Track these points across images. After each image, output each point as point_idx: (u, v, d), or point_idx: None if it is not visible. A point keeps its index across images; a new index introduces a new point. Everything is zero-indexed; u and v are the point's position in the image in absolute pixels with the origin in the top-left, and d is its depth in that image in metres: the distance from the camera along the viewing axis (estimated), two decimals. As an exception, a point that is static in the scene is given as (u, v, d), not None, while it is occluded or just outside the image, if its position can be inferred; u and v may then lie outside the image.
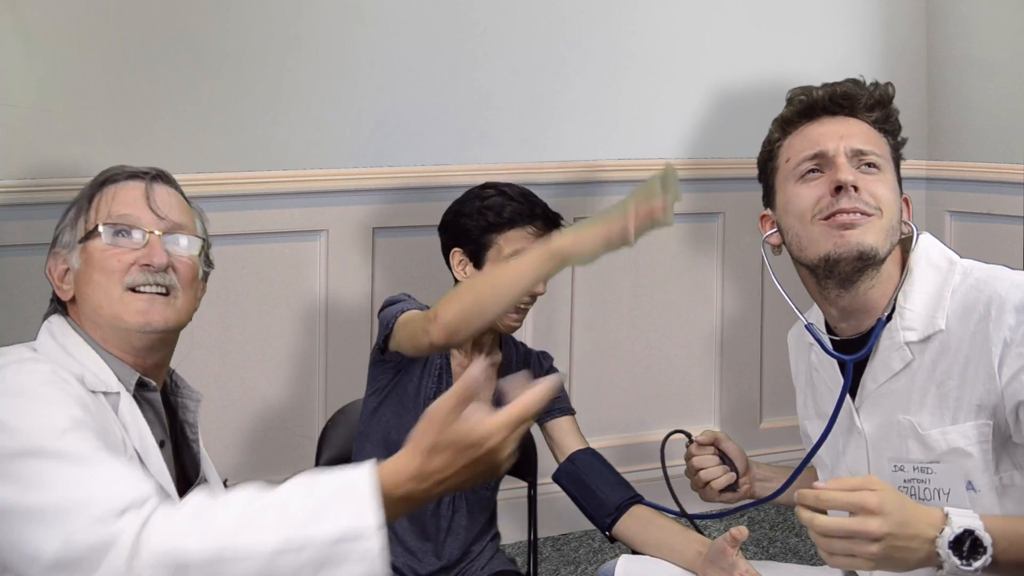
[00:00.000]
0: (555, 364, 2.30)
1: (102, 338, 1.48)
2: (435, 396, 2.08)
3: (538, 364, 2.20)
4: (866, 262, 1.54)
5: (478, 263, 2.05)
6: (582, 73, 3.21)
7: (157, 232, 1.50)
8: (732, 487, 1.83)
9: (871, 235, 1.53)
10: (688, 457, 1.86)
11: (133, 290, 1.46)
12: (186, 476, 1.55)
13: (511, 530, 2.61)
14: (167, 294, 1.48)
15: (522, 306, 2.02)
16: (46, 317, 1.53)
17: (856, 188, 1.54)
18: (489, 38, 3.10)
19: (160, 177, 1.55)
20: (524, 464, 2.29)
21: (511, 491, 2.38)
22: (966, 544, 1.29)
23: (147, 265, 1.47)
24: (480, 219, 2.04)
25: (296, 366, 2.98)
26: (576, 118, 3.22)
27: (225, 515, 1.12)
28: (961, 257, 1.61)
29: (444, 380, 2.08)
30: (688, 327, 3.45)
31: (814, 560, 3.08)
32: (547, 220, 2.06)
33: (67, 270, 1.50)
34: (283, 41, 2.89)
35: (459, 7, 3.06)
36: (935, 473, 1.54)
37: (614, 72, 3.26)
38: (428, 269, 2.19)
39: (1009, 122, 3.34)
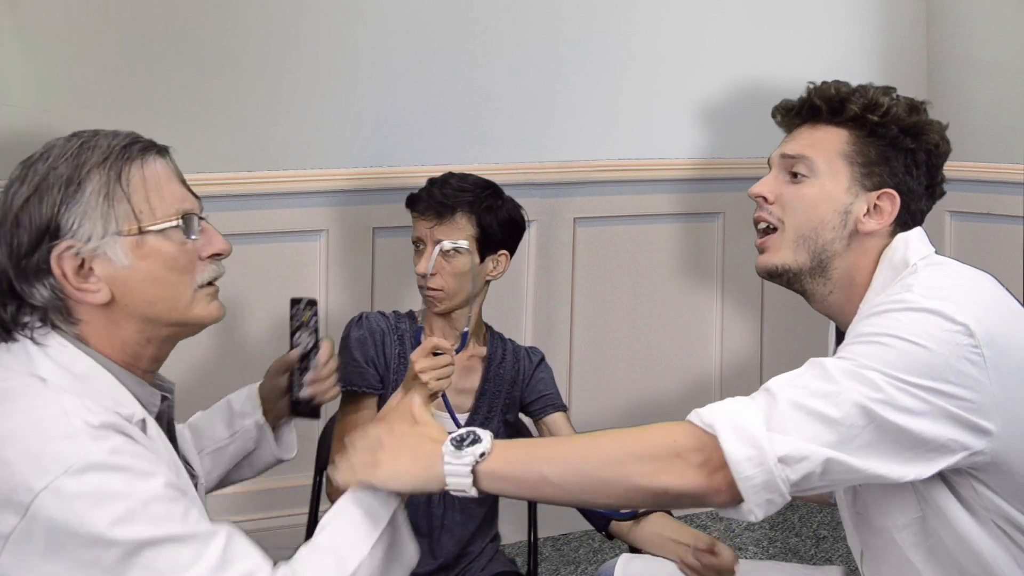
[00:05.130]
0: (554, 364, 2.29)
1: (119, 354, 1.31)
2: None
3: (527, 359, 2.21)
4: (787, 277, 1.61)
5: None
6: (582, 73, 3.21)
7: (204, 215, 1.37)
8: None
9: (778, 255, 1.60)
10: None
11: (203, 285, 1.36)
12: None
13: (511, 530, 2.61)
14: None
15: (423, 288, 2.07)
16: (10, 324, 1.28)
17: (767, 199, 1.62)
18: (489, 38, 3.10)
19: (163, 148, 1.38)
20: (524, 464, 2.29)
21: (511, 491, 2.38)
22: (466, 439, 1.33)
23: (218, 255, 1.38)
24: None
25: (296, 366, 2.98)
26: (576, 118, 3.22)
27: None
28: (953, 257, 1.59)
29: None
30: (688, 327, 3.45)
31: (814, 560, 3.08)
32: (428, 205, 2.07)
33: (84, 266, 1.27)
34: (283, 41, 2.89)
35: (459, 7, 3.06)
36: None
37: (614, 72, 3.26)
38: (428, 269, 2.19)
39: (1009, 122, 3.34)
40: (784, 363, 1.68)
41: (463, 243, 2.02)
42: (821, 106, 1.63)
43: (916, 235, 1.59)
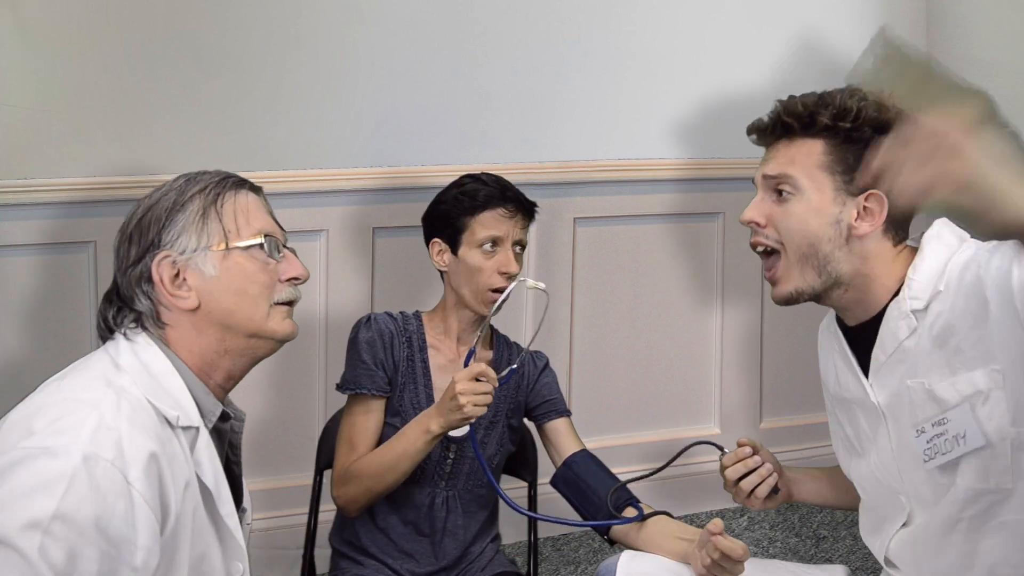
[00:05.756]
0: (554, 364, 2.29)
1: (196, 360, 1.47)
2: (424, 397, 2.09)
3: (532, 363, 2.21)
4: (805, 299, 1.66)
5: (455, 249, 2.10)
6: (582, 73, 3.21)
7: (290, 246, 1.55)
8: (774, 490, 1.84)
9: (789, 282, 1.65)
10: (723, 469, 1.86)
11: (280, 303, 1.50)
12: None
13: (511, 530, 2.61)
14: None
15: (492, 292, 2.07)
16: (111, 324, 1.47)
17: (760, 224, 1.66)
18: (489, 38, 3.10)
19: (256, 187, 1.57)
20: (524, 464, 2.29)
21: (511, 491, 2.38)
22: None
23: (296, 279, 1.52)
24: (457, 204, 2.10)
25: (296, 366, 2.98)
26: (576, 118, 3.22)
27: None
28: None
29: (422, 379, 2.11)
30: (688, 327, 3.45)
31: (814, 560, 3.08)
32: (519, 204, 2.10)
33: (178, 276, 1.45)
34: (283, 41, 2.89)
35: (459, 7, 3.06)
36: (950, 421, 1.56)
37: (614, 72, 3.26)
38: (428, 269, 2.19)
39: (1009, 122, 3.34)
40: (784, 363, 1.68)
41: (541, 284, 2.04)
42: (792, 123, 1.66)
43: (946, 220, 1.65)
